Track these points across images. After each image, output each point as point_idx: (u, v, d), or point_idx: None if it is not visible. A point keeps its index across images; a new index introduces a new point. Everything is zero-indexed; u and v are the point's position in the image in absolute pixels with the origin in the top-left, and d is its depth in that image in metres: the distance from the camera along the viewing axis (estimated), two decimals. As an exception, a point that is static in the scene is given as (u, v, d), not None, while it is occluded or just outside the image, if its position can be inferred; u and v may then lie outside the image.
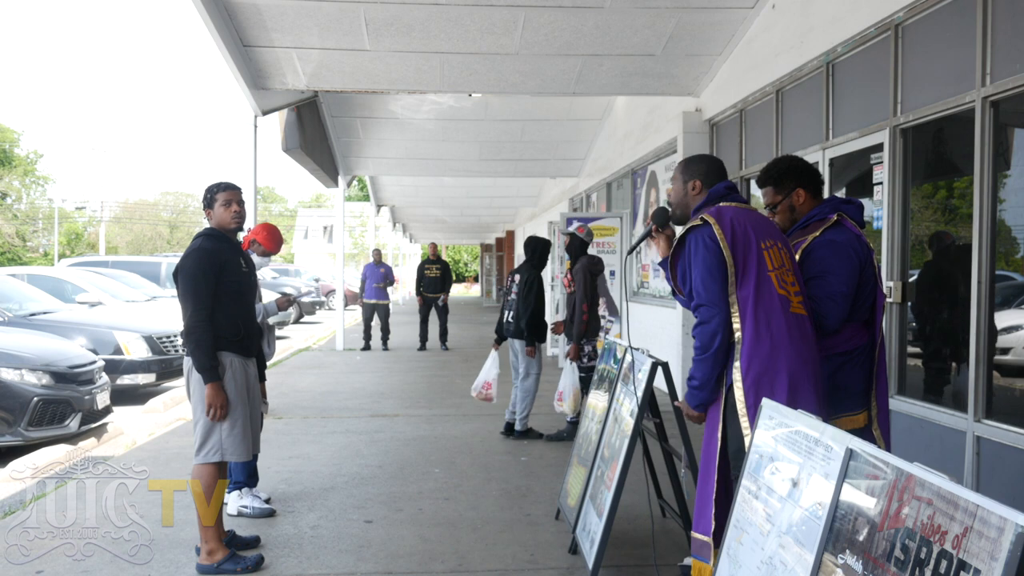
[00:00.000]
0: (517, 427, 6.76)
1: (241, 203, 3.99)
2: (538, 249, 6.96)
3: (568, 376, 6.26)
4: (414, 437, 6.87)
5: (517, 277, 6.86)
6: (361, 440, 6.73)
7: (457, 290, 47.50)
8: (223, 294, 3.80)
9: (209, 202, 3.94)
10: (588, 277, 6.45)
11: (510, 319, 6.82)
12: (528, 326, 6.68)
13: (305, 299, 22.91)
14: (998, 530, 1.50)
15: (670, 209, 3.25)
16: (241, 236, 4.57)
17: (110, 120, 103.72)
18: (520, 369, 6.79)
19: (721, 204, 3.01)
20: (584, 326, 6.38)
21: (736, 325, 2.83)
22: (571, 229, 6.74)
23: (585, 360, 6.40)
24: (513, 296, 6.83)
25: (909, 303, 4.98)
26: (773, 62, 6.50)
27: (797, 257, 3.07)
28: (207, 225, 4.02)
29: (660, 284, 9.72)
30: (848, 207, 3.18)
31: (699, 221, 2.92)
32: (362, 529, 4.44)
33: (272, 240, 5.10)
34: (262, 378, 4.51)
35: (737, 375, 2.81)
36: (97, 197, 64.33)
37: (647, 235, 3.25)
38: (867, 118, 5.25)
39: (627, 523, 4.46)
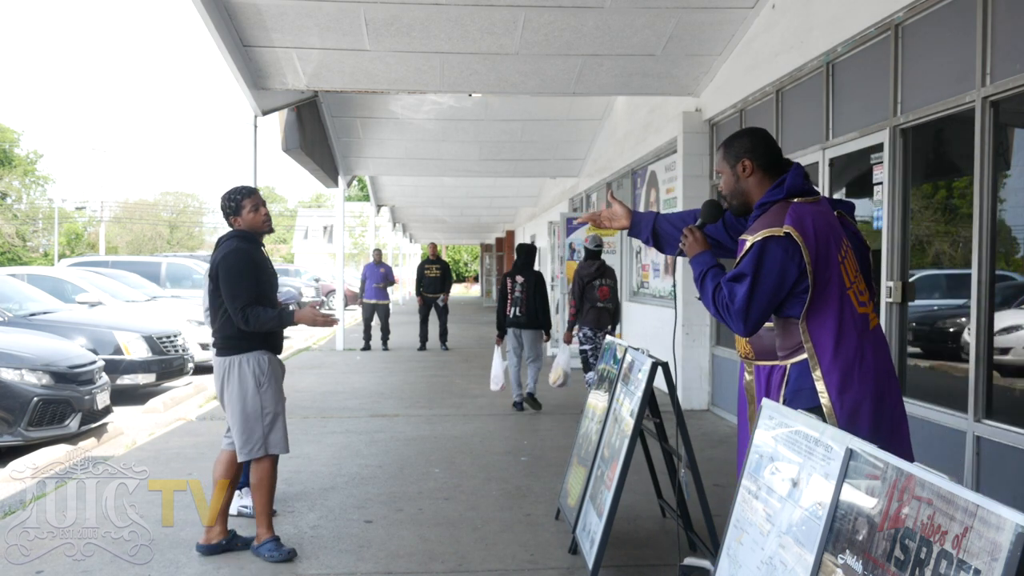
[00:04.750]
0: (528, 391, 8.16)
1: (265, 204, 4.11)
2: (533, 254, 8.44)
3: (561, 357, 7.72)
4: (414, 437, 6.87)
5: (519, 278, 8.10)
6: (361, 440, 6.73)
7: (457, 290, 47.49)
8: (259, 295, 3.90)
9: (235, 210, 4.01)
10: (577, 279, 7.68)
11: (518, 313, 8.06)
12: (547, 319, 8.18)
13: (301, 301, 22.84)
14: (998, 530, 1.51)
15: (724, 201, 2.87)
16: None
17: (110, 120, 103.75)
18: (531, 353, 8.18)
19: (797, 201, 2.61)
20: (572, 318, 7.72)
21: (809, 353, 2.56)
22: (586, 245, 7.99)
23: (578, 343, 7.64)
24: (518, 295, 8.07)
25: (909, 303, 4.98)
26: (773, 62, 6.50)
27: None
28: (222, 227, 4.09)
29: (660, 284, 9.72)
30: (844, 206, 2.98)
31: (780, 232, 2.54)
32: (362, 529, 4.44)
33: None
34: None
35: (826, 401, 2.55)
36: (97, 197, 64.29)
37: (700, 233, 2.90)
38: (867, 118, 5.25)
39: (627, 523, 4.46)
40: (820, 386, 2.56)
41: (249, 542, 4.11)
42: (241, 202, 4.00)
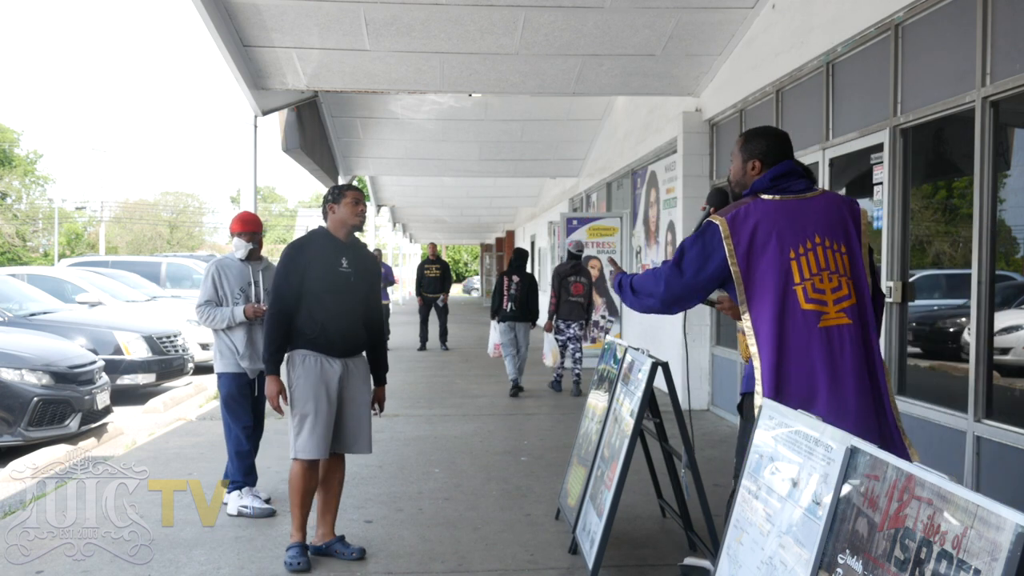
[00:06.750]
0: (519, 381, 9.14)
1: (366, 206, 4.12)
2: (526, 257, 9.60)
3: (548, 343, 9.41)
4: (414, 437, 6.87)
5: (515, 278, 9.20)
6: (361, 440, 6.72)
7: (457, 290, 47.48)
8: (307, 291, 3.87)
9: (335, 197, 4.02)
10: (555, 276, 9.08)
11: (513, 308, 9.16)
12: (536, 312, 9.36)
13: None
14: (998, 530, 1.51)
15: (729, 187, 3.06)
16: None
17: (110, 120, 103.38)
18: (523, 342, 9.24)
19: (762, 197, 2.81)
20: (553, 308, 9.04)
21: (752, 346, 2.70)
22: (570, 248, 9.40)
23: (557, 330, 9.14)
24: (514, 292, 9.16)
25: (909, 303, 4.98)
26: (773, 62, 6.50)
27: None
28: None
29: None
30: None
31: (716, 219, 2.77)
32: (362, 529, 4.44)
33: (238, 222, 4.89)
34: (382, 381, 4.27)
35: (759, 388, 2.68)
36: (97, 197, 64.14)
37: (705, 218, 3.02)
38: (867, 118, 5.25)
39: (627, 523, 4.46)
40: (757, 374, 2.70)
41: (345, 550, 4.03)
42: (344, 192, 4.03)
